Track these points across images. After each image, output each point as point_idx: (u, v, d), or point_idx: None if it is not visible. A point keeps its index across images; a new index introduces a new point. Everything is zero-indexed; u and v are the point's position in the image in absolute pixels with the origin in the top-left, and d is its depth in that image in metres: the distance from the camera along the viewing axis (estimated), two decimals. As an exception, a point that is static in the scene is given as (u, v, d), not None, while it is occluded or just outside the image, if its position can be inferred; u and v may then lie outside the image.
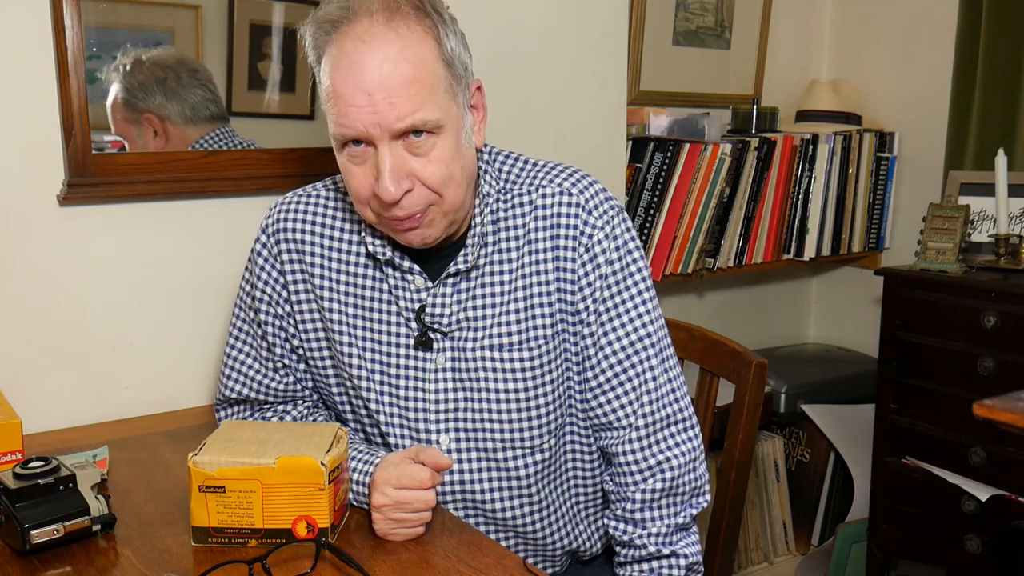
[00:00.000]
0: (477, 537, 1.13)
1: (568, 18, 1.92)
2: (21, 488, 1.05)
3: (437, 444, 1.24)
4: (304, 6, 1.73)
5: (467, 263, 1.21)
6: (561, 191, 1.22)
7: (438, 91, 1.11)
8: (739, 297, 2.73)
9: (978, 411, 1.25)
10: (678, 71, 2.48)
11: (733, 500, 1.46)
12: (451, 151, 1.13)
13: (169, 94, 1.59)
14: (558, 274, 1.21)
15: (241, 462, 1.05)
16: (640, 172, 2.17)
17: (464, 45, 1.16)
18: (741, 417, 1.45)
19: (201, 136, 1.62)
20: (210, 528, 1.07)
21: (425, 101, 1.09)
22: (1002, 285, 1.99)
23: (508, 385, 1.22)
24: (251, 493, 1.05)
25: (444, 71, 1.12)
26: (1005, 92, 2.30)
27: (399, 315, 1.24)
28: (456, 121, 1.14)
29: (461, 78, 1.15)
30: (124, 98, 1.55)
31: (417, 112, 1.08)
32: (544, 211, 1.21)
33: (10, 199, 1.43)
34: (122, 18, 1.56)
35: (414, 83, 1.08)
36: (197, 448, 1.08)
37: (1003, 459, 1.98)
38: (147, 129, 1.57)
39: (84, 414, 1.52)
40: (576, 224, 1.20)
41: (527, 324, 1.22)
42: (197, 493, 1.06)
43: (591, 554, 1.38)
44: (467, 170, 1.17)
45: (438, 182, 1.12)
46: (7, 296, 1.44)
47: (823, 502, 2.58)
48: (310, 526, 1.06)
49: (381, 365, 1.25)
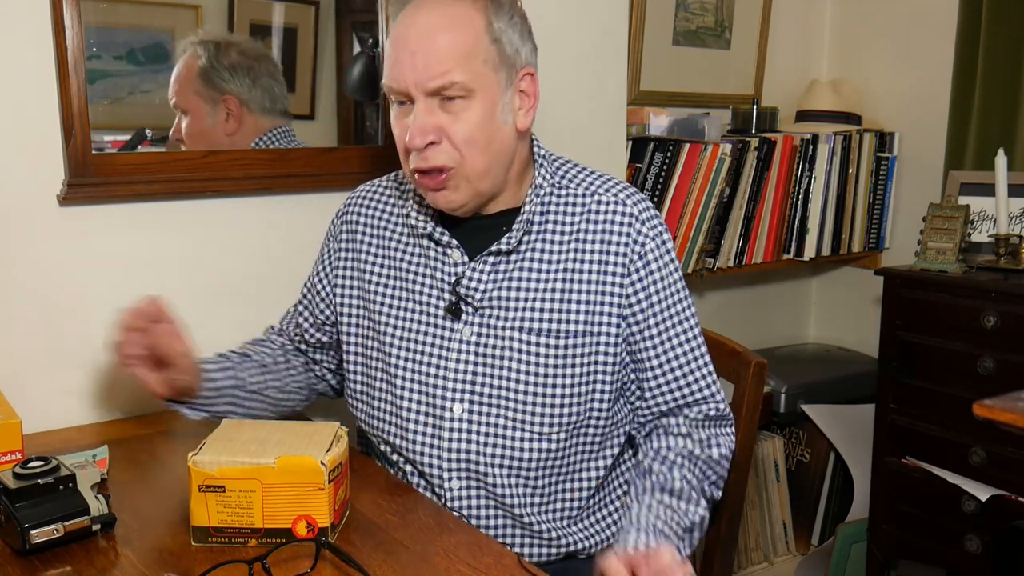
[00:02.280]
0: (477, 537, 1.13)
1: (568, 18, 1.93)
2: (21, 488, 1.05)
3: (450, 412, 1.29)
4: (304, 6, 1.73)
5: (509, 245, 1.28)
6: (616, 201, 1.30)
7: (476, 60, 1.20)
8: (739, 297, 2.73)
9: (978, 411, 1.25)
10: (678, 71, 2.48)
11: (732, 500, 1.46)
12: (480, 116, 1.21)
13: (254, 82, 1.61)
14: (603, 277, 1.28)
15: (241, 461, 1.06)
16: (640, 172, 2.17)
17: (522, 34, 1.26)
18: (740, 417, 1.45)
19: (267, 131, 1.66)
20: (210, 528, 1.07)
21: (457, 65, 1.19)
22: (1002, 285, 1.99)
23: (528, 368, 1.27)
24: (251, 493, 1.06)
25: (489, 45, 1.21)
26: (1005, 92, 2.30)
27: (434, 287, 1.32)
28: (492, 92, 1.22)
29: (508, 57, 1.24)
30: (207, 74, 1.58)
31: (447, 74, 1.18)
32: (597, 216, 1.29)
33: (10, 199, 1.43)
34: (122, 18, 1.56)
35: (449, 49, 1.19)
36: (197, 448, 1.08)
37: (1003, 459, 1.98)
38: (221, 110, 1.61)
39: (84, 414, 1.52)
40: (629, 233, 1.28)
41: (559, 315, 1.27)
42: (197, 493, 1.06)
43: (587, 555, 1.38)
44: (497, 143, 1.24)
45: (461, 140, 1.21)
46: (7, 296, 1.44)
47: (823, 502, 2.58)
48: (310, 525, 1.06)
49: (410, 332, 1.33)
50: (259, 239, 1.65)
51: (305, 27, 1.73)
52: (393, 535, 1.13)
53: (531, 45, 1.28)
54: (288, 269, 1.63)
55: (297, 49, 1.72)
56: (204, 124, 1.60)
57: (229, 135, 1.63)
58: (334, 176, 1.67)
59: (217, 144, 1.63)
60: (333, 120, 1.81)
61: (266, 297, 1.63)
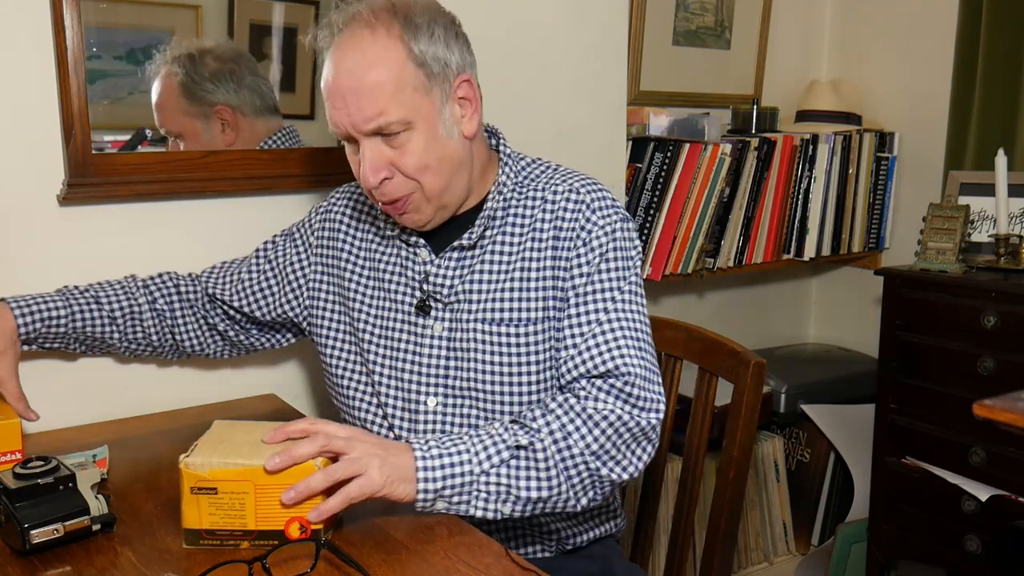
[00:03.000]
0: (477, 537, 1.13)
1: (568, 18, 1.93)
2: (21, 488, 1.05)
3: (425, 406, 1.34)
4: (304, 6, 1.73)
5: (470, 240, 1.31)
6: (571, 190, 1.32)
7: (405, 91, 1.21)
8: (739, 297, 2.73)
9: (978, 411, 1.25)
10: (678, 71, 2.48)
11: (732, 500, 1.46)
12: (424, 143, 1.23)
13: (240, 84, 1.60)
14: (555, 263, 1.30)
15: (234, 463, 1.05)
16: (640, 172, 2.17)
17: (447, 45, 1.24)
18: (740, 417, 1.45)
19: (269, 135, 1.65)
20: (202, 530, 1.06)
21: (389, 103, 1.20)
22: (1002, 285, 1.99)
23: (495, 359, 1.30)
24: (243, 495, 1.05)
25: (415, 71, 1.22)
26: (1005, 92, 2.30)
27: (407, 284, 1.36)
28: (430, 115, 1.23)
29: (437, 75, 1.24)
30: (190, 91, 1.55)
31: (381, 115, 1.20)
32: (551, 205, 1.31)
33: (10, 199, 1.43)
34: (122, 18, 1.56)
35: (376, 88, 1.20)
36: (188, 450, 1.08)
37: (1003, 459, 1.99)
38: (215, 122, 1.59)
39: (84, 414, 1.52)
40: (578, 219, 1.29)
41: (519, 304, 1.30)
42: (189, 495, 1.05)
43: (575, 544, 1.39)
44: (447, 159, 1.26)
45: (412, 170, 1.24)
46: (7, 295, 1.44)
47: (823, 502, 2.58)
48: (303, 527, 1.06)
49: (386, 329, 1.37)
50: (259, 239, 1.65)
51: (305, 27, 1.73)
52: (393, 535, 1.13)
53: (460, 48, 1.27)
54: (288, 269, 1.63)
55: (297, 49, 1.72)
56: (201, 141, 1.58)
57: (229, 145, 1.62)
58: (334, 176, 1.67)
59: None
60: (333, 120, 1.80)
61: (266, 297, 1.63)
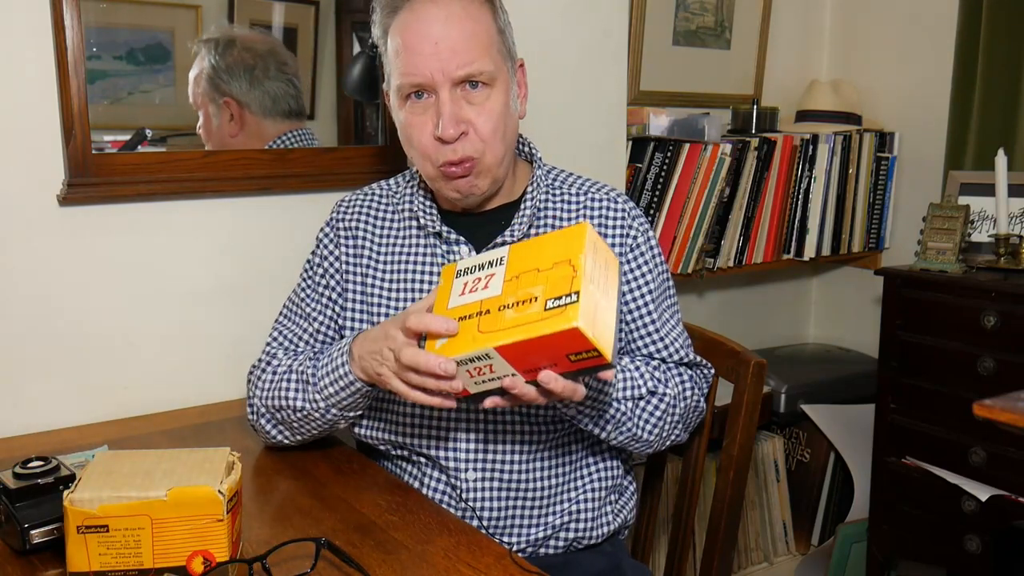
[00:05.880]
0: (477, 537, 1.13)
1: (569, 18, 1.93)
2: (21, 488, 1.05)
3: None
4: (304, 6, 1.73)
5: (514, 236, 1.31)
6: (610, 199, 1.37)
7: (493, 49, 1.25)
8: (739, 297, 2.73)
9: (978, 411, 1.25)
10: (678, 71, 2.48)
11: (732, 499, 1.46)
12: (501, 106, 1.26)
13: (254, 83, 1.63)
14: None
15: (127, 496, 0.95)
16: (640, 172, 2.17)
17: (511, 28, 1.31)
18: (740, 416, 1.45)
19: (280, 134, 1.65)
20: (91, 572, 0.96)
21: (483, 54, 1.23)
22: (1002, 285, 1.99)
23: None
24: (139, 530, 0.96)
25: (498, 36, 1.27)
26: (1005, 92, 2.30)
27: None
28: (506, 80, 1.28)
29: (510, 49, 1.30)
30: (209, 76, 1.58)
31: (475, 62, 1.22)
32: (592, 211, 1.36)
33: (10, 199, 1.43)
34: (122, 18, 1.56)
35: (473, 37, 1.22)
36: (73, 485, 0.98)
37: (1003, 459, 1.98)
38: (224, 111, 1.61)
39: (84, 414, 1.52)
40: (623, 226, 1.35)
41: None
42: (75, 535, 0.95)
43: (589, 540, 1.38)
44: (510, 132, 1.29)
45: (488, 132, 1.24)
46: (7, 296, 1.44)
47: (823, 502, 2.58)
48: (207, 561, 0.98)
49: None
50: (259, 239, 1.65)
51: (305, 27, 1.73)
52: (393, 535, 1.13)
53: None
54: (288, 269, 1.63)
55: (297, 49, 1.72)
56: (211, 124, 1.61)
57: (232, 137, 1.63)
58: (334, 176, 1.67)
59: (224, 145, 1.63)
60: (333, 120, 1.81)
61: (267, 297, 1.63)
